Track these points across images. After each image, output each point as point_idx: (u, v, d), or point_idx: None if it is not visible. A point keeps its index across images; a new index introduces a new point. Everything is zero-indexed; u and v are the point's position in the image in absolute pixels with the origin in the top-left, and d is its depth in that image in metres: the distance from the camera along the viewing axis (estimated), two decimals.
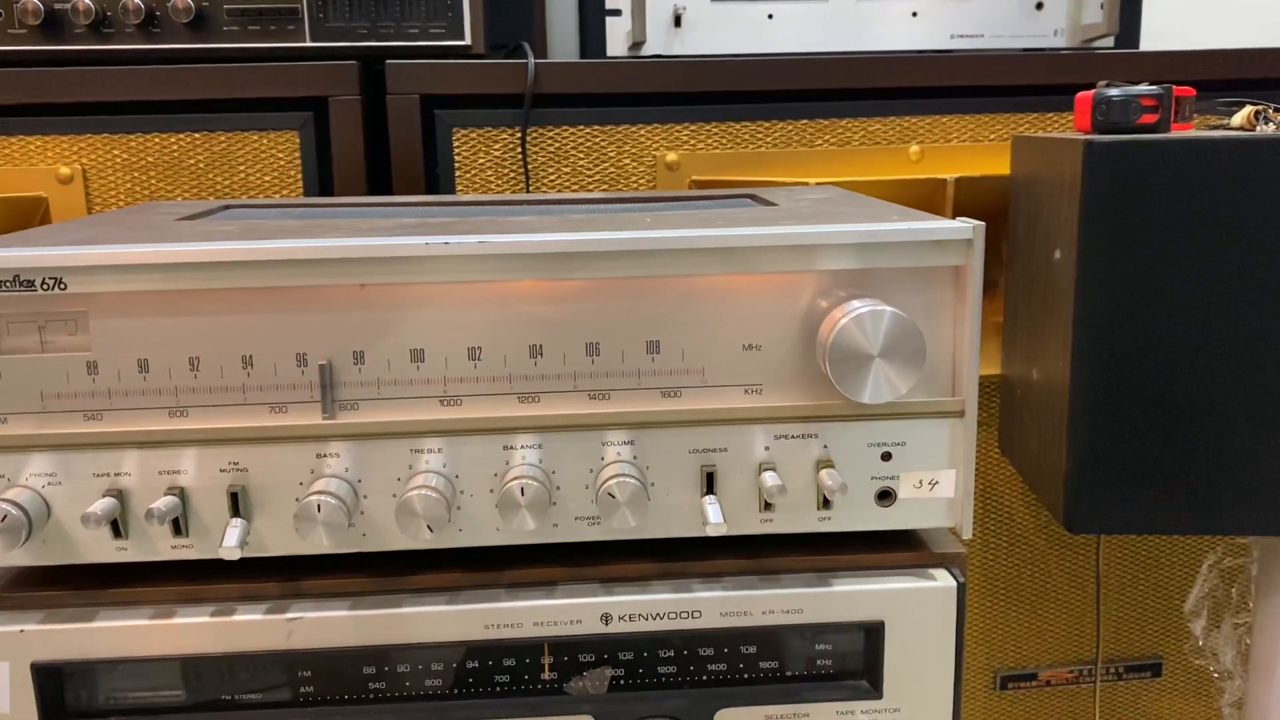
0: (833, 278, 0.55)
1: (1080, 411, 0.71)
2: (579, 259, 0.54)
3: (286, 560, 0.56)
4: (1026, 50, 1.07)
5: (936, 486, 0.57)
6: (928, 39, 1.06)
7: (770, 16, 1.04)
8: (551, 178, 0.91)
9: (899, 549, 0.58)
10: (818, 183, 0.89)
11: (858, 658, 0.58)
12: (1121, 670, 1.00)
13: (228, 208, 0.76)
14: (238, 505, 0.55)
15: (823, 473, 0.55)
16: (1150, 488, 0.71)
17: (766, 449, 0.56)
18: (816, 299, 0.55)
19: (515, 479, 0.54)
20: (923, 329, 0.53)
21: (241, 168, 0.89)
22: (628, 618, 0.56)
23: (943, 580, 0.57)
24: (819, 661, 0.58)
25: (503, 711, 0.57)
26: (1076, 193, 0.69)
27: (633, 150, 0.91)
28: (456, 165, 0.91)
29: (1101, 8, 1.05)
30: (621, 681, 0.58)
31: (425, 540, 0.54)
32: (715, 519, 0.54)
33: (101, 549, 0.55)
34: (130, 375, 0.54)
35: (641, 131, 0.91)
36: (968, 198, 0.88)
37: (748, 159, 0.92)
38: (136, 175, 0.88)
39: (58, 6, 0.88)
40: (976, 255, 0.54)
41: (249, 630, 0.55)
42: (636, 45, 1.03)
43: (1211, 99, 0.80)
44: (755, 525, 0.57)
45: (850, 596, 0.56)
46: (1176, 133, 0.72)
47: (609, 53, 1.04)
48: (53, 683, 0.55)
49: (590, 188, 0.92)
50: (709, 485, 0.56)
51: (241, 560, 0.54)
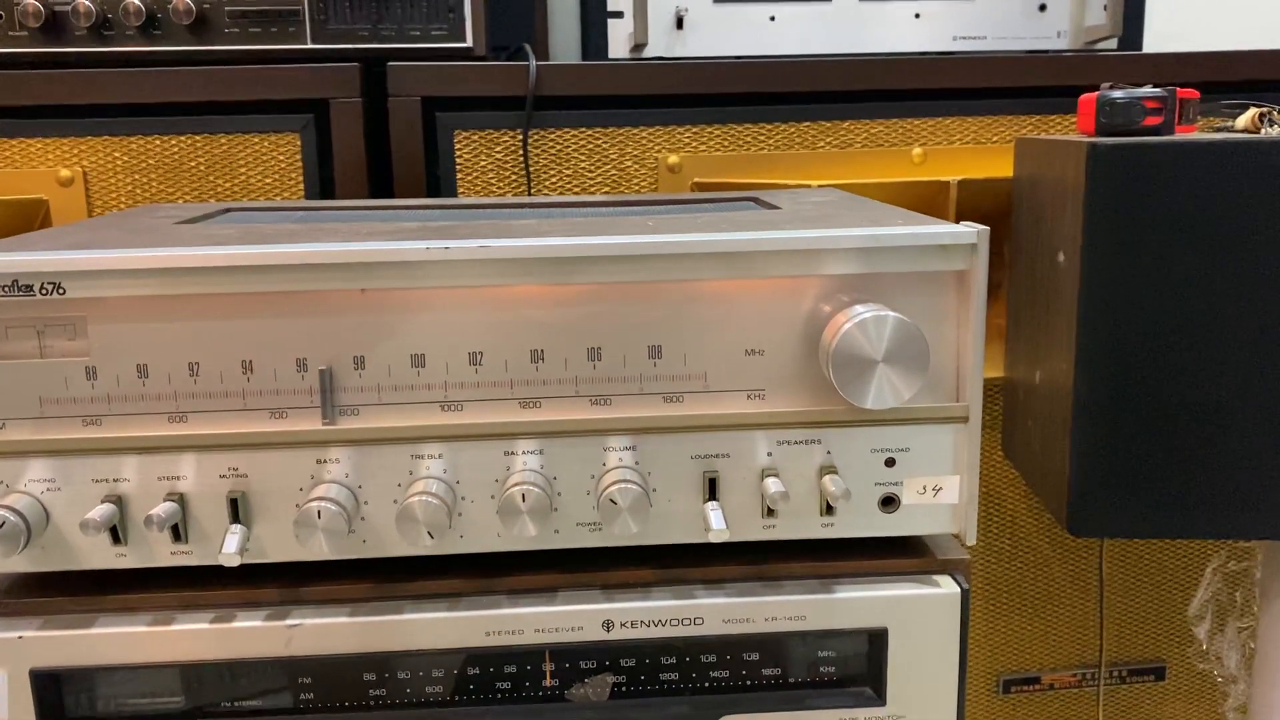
0: (836, 282, 0.55)
1: (1083, 415, 0.70)
2: (581, 263, 0.53)
3: (286, 566, 0.56)
4: (1029, 52, 1.06)
5: (940, 492, 0.56)
6: (930, 41, 1.05)
7: (772, 18, 1.04)
8: (553, 180, 0.91)
9: (902, 555, 0.58)
10: (820, 185, 0.88)
11: (861, 664, 0.58)
12: (1125, 674, 1.00)
13: (228, 211, 0.76)
14: (237, 511, 0.54)
15: (826, 479, 0.55)
16: (1153, 491, 0.71)
17: (769, 455, 0.56)
18: (819, 303, 0.55)
19: (516, 485, 0.54)
20: (926, 334, 0.53)
21: (242, 170, 0.88)
22: (629, 624, 0.56)
23: (946, 586, 0.57)
24: (822, 668, 0.58)
25: (504, 718, 0.57)
26: (1080, 195, 0.69)
27: (634, 152, 0.91)
28: (458, 167, 0.90)
29: (1105, 9, 1.05)
30: (623, 689, 0.57)
31: (426, 546, 0.54)
32: (718, 525, 0.54)
33: (100, 555, 0.55)
34: (129, 380, 0.54)
35: (643, 133, 0.91)
36: (970, 200, 0.88)
37: (750, 161, 0.92)
38: (137, 178, 0.88)
39: (58, 8, 0.88)
40: (981, 260, 0.53)
41: (248, 637, 0.55)
42: (638, 47, 1.03)
43: (1216, 101, 0.79)
44: (758, 532, 0.56)
45: (854, 603, 0.56)
46: (1181, 135, 0.72)
47: (611, 55, 1.03)
48: (51, 689, 0.55)
49: (592, 190, 0.92)
50: (711, 491, 0.56)
51: (241, 566, 0.54)
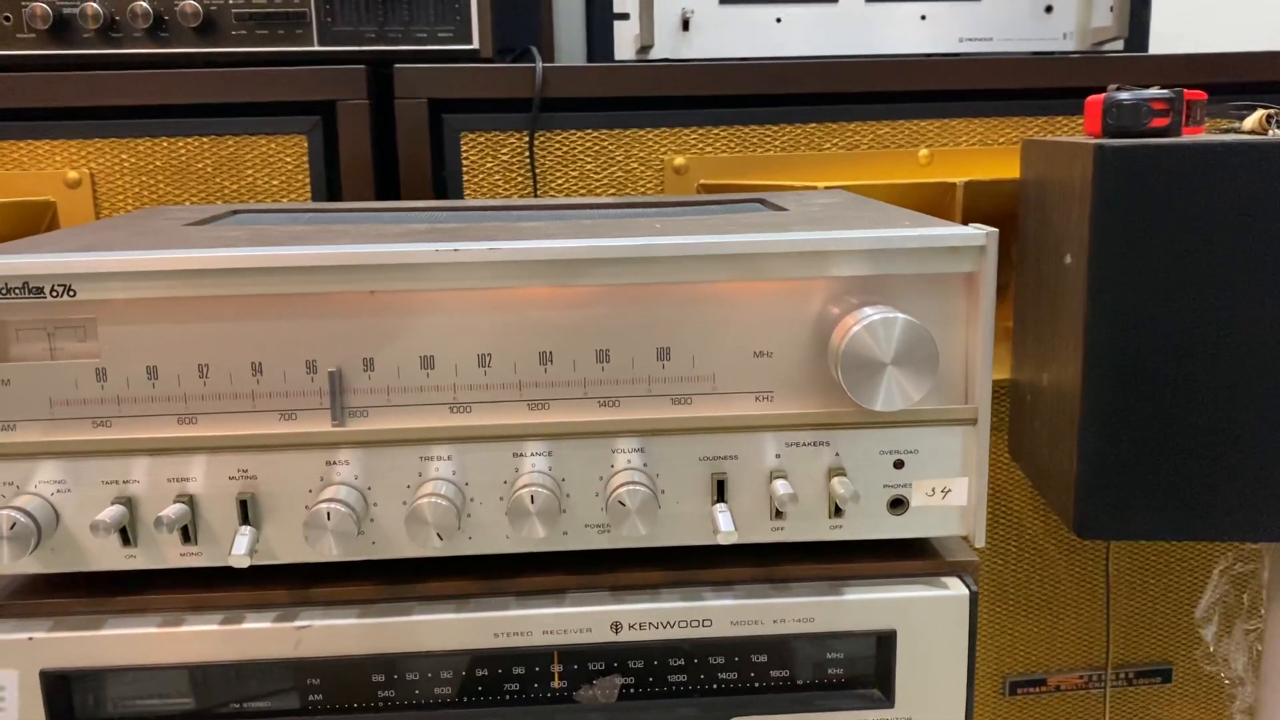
0: (844, 284, 0.55)
1: (1091, 416, 0.70)
2: (589, 265, 0.53)
3: (295, 568, 0.56)
4: (1036, 53, 1.06)
5: (949, 494, 0.56)
6: (936, 42, 1.05)
7: (778, 20, 1.04)
8: (559, 181, 0.91)
9: (911, 557, 0.58)
10: (826, 186, 0.88)
11: (870, 666, 0.58)
12: (1131, 676, 0.99)
13: (236, 213, 0.76)
14: (247, 513, 0.55)
15: (834, 481, 0.55)
16: (1161, 493, 0.71)
17: (778, 456, 0.56)
18: (828, 305, 0.55)
19: (525, 486, 0.54)
20: (935, 336, 0.53)
21: (249, 172, 0.89)
22: (638, 626, 0.56)
23: (955, 588, 0.57)
24: (830, 670, 0.58)
25: None
26: (1087, 197, 0.69)
27: (640, 154, 0.91)
28: (464, 169, 0.90)
29: (1111, 10, 1.04)
30: (631, 690, 0.57)
31: (435, 548, 0.54)
32: (726, 527, 0.54)
33: (110, 556, 0.55)
34: (139, 382, 0.54)
35: (649, 135, 0.91)
36: (977, 202, 0.88)
37: (756, 162, 0.92)
38: (144, 179, 0.88)
39: (66, 11, 0.88)
40: (990, 262, 0.53)
41: (258, 638, 0.55)
42: (644, 49, 1.03)
43: (1223, 102, 0.79)
44: (766, 534, 0.56)
45: (862, 605, 0.56)
46: (1188, 137, 0.72)
47: (617, 56, 1.03)
48: (61, 690, 0.55)
49: (598, 192, 0.92)
50: (720, 493, 0.56)
51: (250, 568, 0.54)
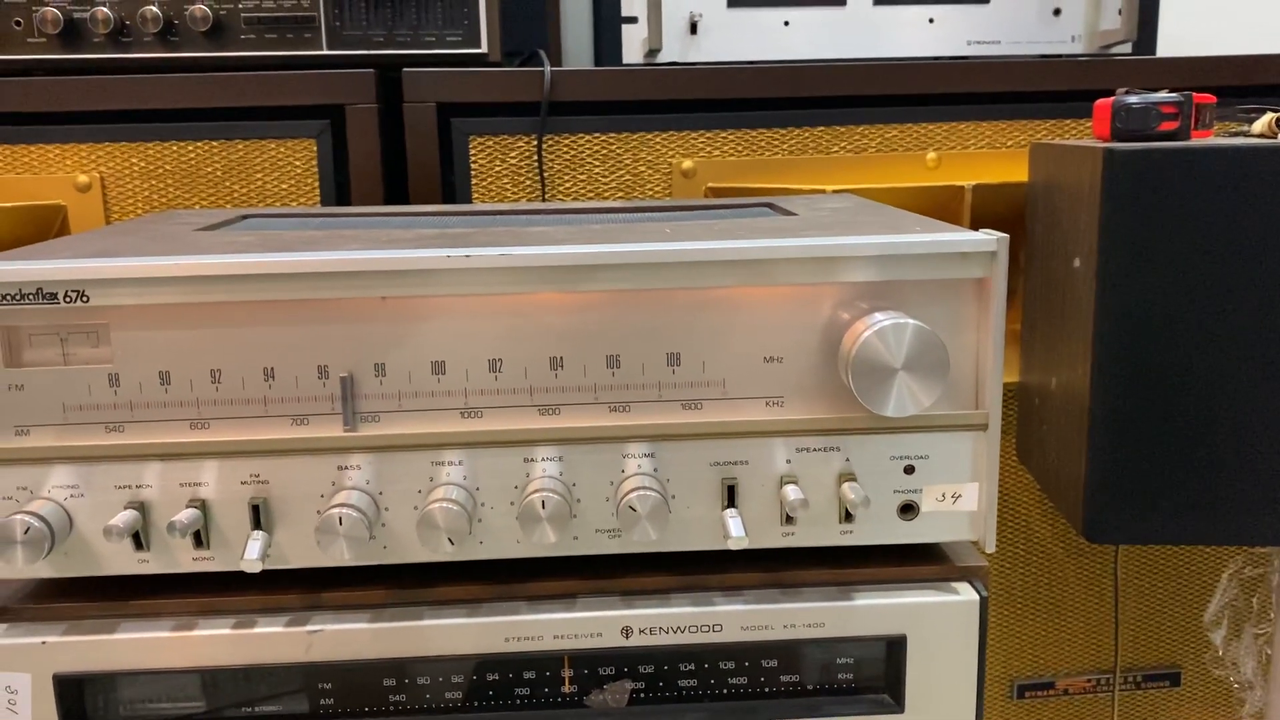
0: (854, 289, 0.55)
1: (1100, 420, 0.70)
2: (599, 271, 0.53)
3: (306, 572, 0.56)
4: (1044, 57, 1.06)
5: (959, 500, 0.56)
6: (944, 45, 1.05)
7: (786, 23, 1.04)
8: (567, 185, 0.91)
9: (921, 562, 0.58)
10: (835, 190, 0.88)
11: (880, 671, 0.58)
12: (1140, 680, 0.99)
13: (246, 217, 0.76)
14: (259, 517, 0.55)
15: (845, 486, 0.55)
16: (1170, 497, 0.71)
17: (788, 462, 0.56)
18: (838, 311, 0.55)
19: (536, 491, 0.54)
20: (945, 341, 0.53)
21: (259, 176, 0.89)
22: (648, 631, 0.56)
23: (965, 594, 0.57)
24: (840, 675, 0.58)
25: None
26: (1096, 201, 0.69)
27: (648, 157, 0.91)
28: (473, 173, 0.90)
29: (1119, 13, 1.04)
30: (642, 695, 0.57)
31: (446, 553, 0.54)
32: (737, 532, 0.54)
33: (123, 561, 0.55)
34: (151, 387, 0.54)
35: (657, 139, 0.91)
36: (985, 205, 0.88)
37: (764, 166, 0.92)
38: (154, 183, 0.88)
39: (77, 15, 0.89)
40: (1000, 268, 0.53)
41: (269, 642, 0.55)
42: (652, 53, 1.03)
43: (1231, 105, 0.79)
44: (777, 539, 0.56)
45: (872, 610, 0.56)
46: (1197, 140, 0.71)
47: (625, 60, 1.03)
48: (74, 694, 0.55)
49: (606, 195, 0.92)
50: (730, 498, 0.56)
51: (262, 572, 0.54)
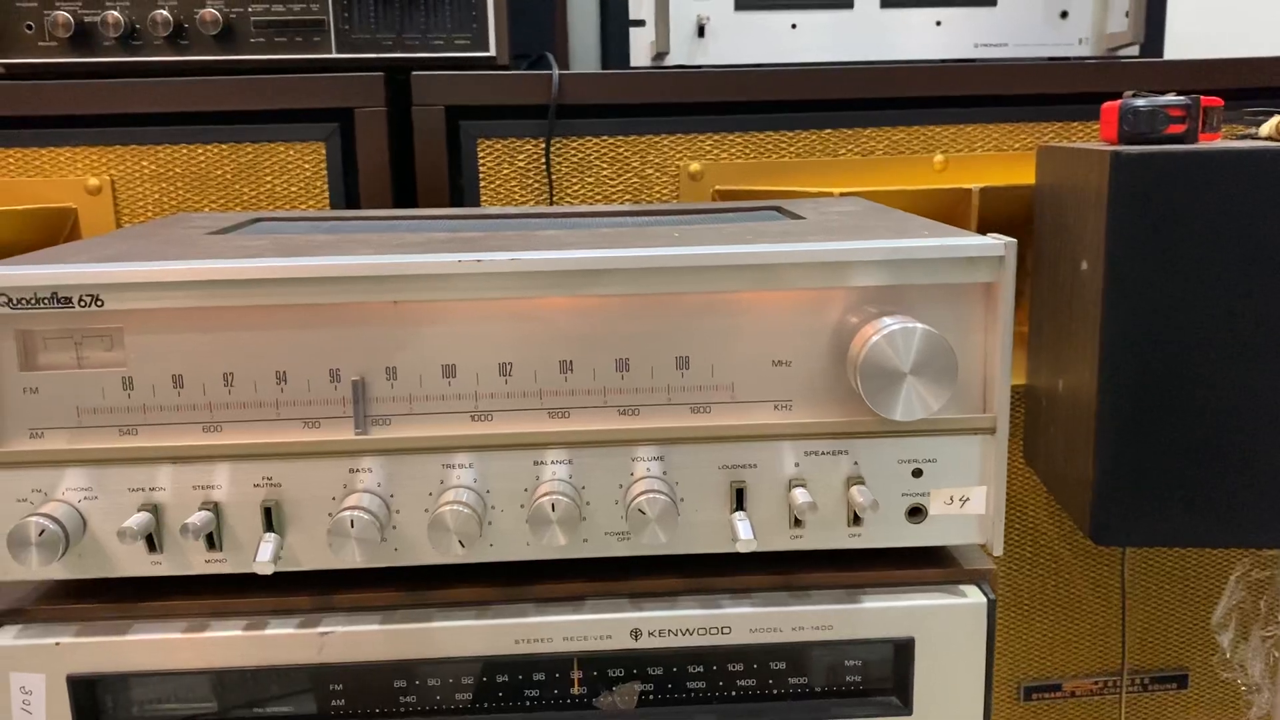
0: (863, 294, 0.55)
1: (1107, 423, 0.70)
2: (609, 275, 0.54)
3: (318, 574, 0.57)
4: (1051, 59, 1.06)
5: (968, 503, 0.56)
6: (951, 48, 1.05)
7: (794, 26, 1.04)
8: (575, 188, 0.92)
9: (929, 565, 0.58)
10: (842, 193, 0.89)
11: (888, 674, 0.58)
12: (1147, 682, 0.99)
13: (257, 220, 0.77)
14: (271, 520, 0.55)
15: (853, 489, 0.55)
16: (1177, 499, 0.71)
17: (796, 465, 0.56)
18: (846, 315, 0.55)
19: (546, 494, 0.54)
20: (953, 345, 0.53)
21: (268, 179, 0.89)
22: (657, 633, 0.56)
23: (973, 596, 0.57)
24: (849, 678, 0.58)
25: None
26: (1103, 204, 0.69)
27: (656, 160, 0.92)
28: (481, 176, 0.91)
29: (1126, 16, 1.04)
30: (651, 697, 0.58)
31: (457, 555, 0.54)
32: (745, 535, 0.54)
33: (136, 563, 0.56)
34: (165, 391, 0.54)
35: (665, 141, 0.91)
36: (992, 208, 0.88)
37: (771, 168, 0.92)
38: (164, 186, 0.89)
39: (88, 19, 0.89)
40: (1008, 272, 0.54)
41: (281, 644, 0.55)
42: (660, 55, 1.03)
43: (1239, 108, 0.79)
44: (785, 542, 0.57)
45: (880, 613, 0.56)
46: (1204, 143, 0.72)
47: (632, 63, 1.04)
48: (87, 695, 0.56)
49: (614, 198, 0.92)
50: (739, 501, 0.56)
51: (273, 574, 0.54)
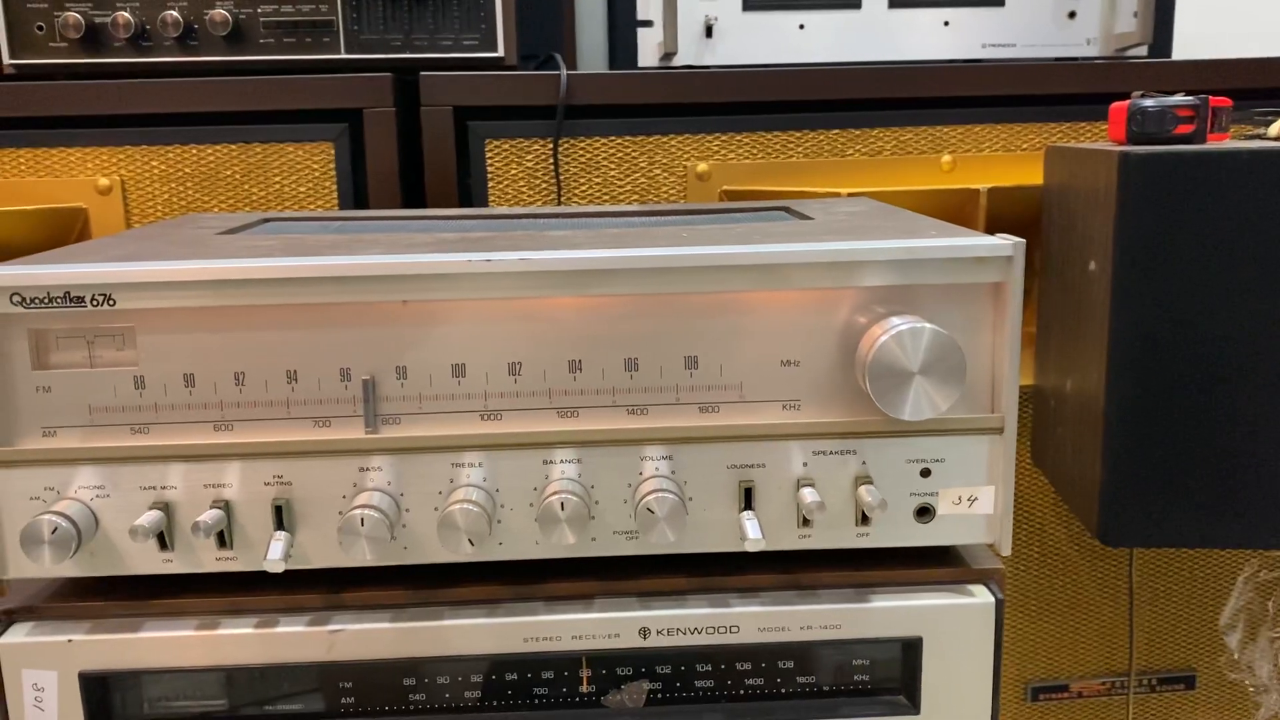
0: (871, 294, 0.55)
1: (1115, 423, 0.70)
2: (618, 275, 0.54)
3: (328, 572, 0.57)
4: (1059, 59, 1.06)
5: (976, 503, 0.56)
6: (959, 48, 1.05)
7: (801, 26, 1.04)
8: (583, 188, 0.92)
9: (937, 565, 0.58)
10: (849, 193, 0.89)
11: (895, 673, 0.58)
12: (1154, 683, 0.99)
13: (266, 221, 0.77)
14: (281, 518, 0.55)
15: (862, 489, 0.55)
16: (1186, 501, 0.71)
17: (805, 465, 0.56)
18: (855, 315, 0.55)
19: (555, 493, 0.54)
20: (962, 345, 0.53)
21: (277, 179, 0.90)
22: (666, 632, 0.56)
23: (981, 596, 0.57)
24: (856, 677, 0.58)
25: None
26: (1112, 204, 0.69)
27: (664, 161, 0.92)
28: (489, 175, 0.91)
29: (1135, 16, 1.04)
30: (659, 695, 0.58)
31: (466, 554, 0.55)
32: (754, 535, 0.54)
33: (148, 561, 0.56)
34: (176, 390, 0.55)
35: (672, 142, 0.91)
36: (1000, 208, 0.88)
37: (779, 169, 0.92)
38: (174, 186, 0.89)
39: (98, 20, 0.90)
40: (1017, 273, 0.54)
41: (291, 642, 0.56)
42: (668, 56, 1.03)
43: (1247, 108, 0.79)
44: (794, 541, 0.57)
45: (888, 612, 0.57)
46: (1213, 144, 0.72)
47: (640, 64, 1.04)
48: (99, 691, 0.56)
49: (621, 198, 0.92)
50: (747, 501, 0.56)
51: (284, 572, 0.55)
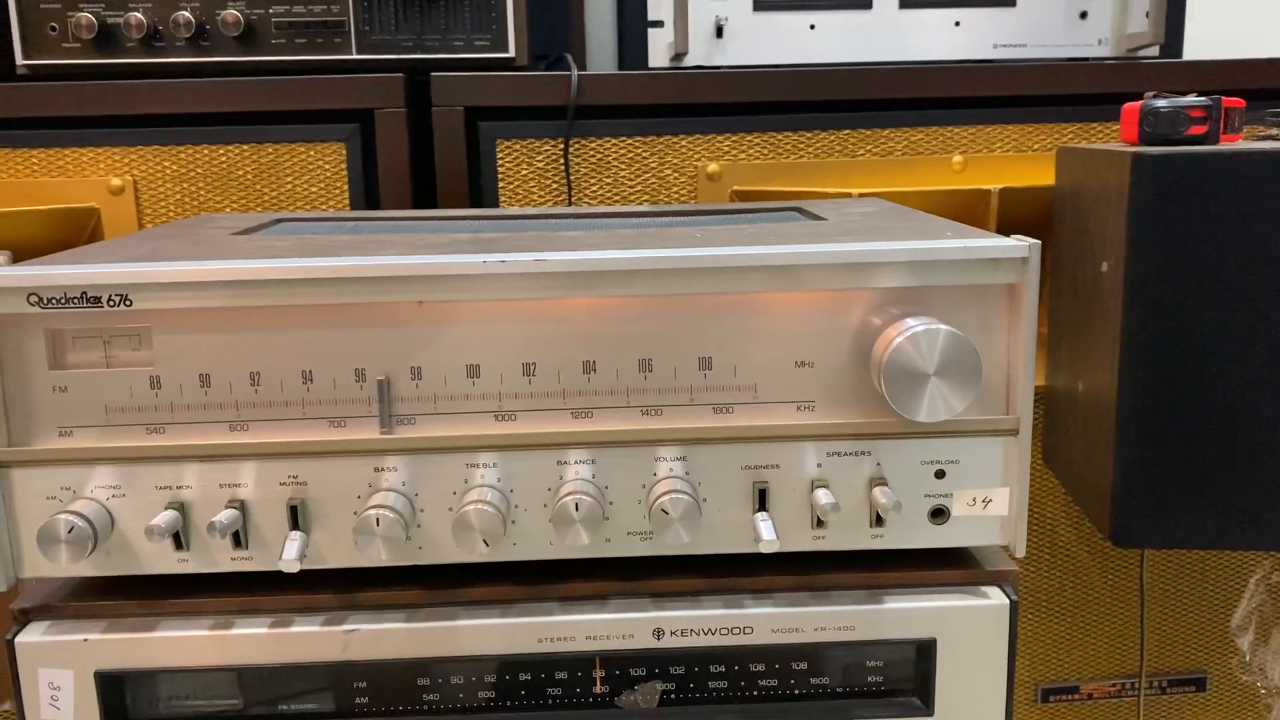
0: (886, 295, 0.55)
1: (1127, 424, 0.70)
2: (632, 276, 0.54)
3: (342, 572, 0.57)
4: (1070, 60, 1.06)
5: (990, 504, 0.56)
6: (970, 49, 1.05)
7: (812, 27, 1.04)
8: (594, 189, 0.92)
9: (951, 566, 0.58)
10: (860, 194, 0.89)
11: (909, 675, 0.58)
12: (1165, 685, 0.99)
13: (279, 221, 0.77)
14: (297, 518, 0.56)
15: (876, 490, 0.55)
16: (1197, 502, 0.71)
17: (819, 466, 0.56)
18: (869, 316, 0.55)
19: (569, 494, 0.54)
20: (977, 347, 0.53)
21: (289, 179, 0.90)
22: (679, 633, 0.56)
23: (995, 598, 0.57)
24: (870, 678, 0.58)
25: None
26: (1124, 205, 0.69)
27: (674, 161, 0.92)
28: (500, 176, 0.91)
29: (1146, 16, 1.04)
30: (672, 696, 0.58)
31: (481, 554, 0.55)
32: (768, 536, 0.54)
33: (163, 560, 0.56)
34: (192, 390, 0.55)
35: (683, 142, 0.92)
36: (1011, 209, 0.88)
37: (789, 169, 0.92)
38: (186, 186, 0.90)
39: (111, 20, 0.90)
40: (1032, 274, 0.54)
41: (306, 641, 0.56)
42: (678, 56, 1.03)
43: (1260, 108, 0.79)
44: (808, 542, 0.57)
45: (902, 614, 0.56)
46: (1226, 144, 0.71)
47: (651, 64, 1.04)
48: (115, 690, 0.56)
49: (632, 199, 0.92)
50: (761, 502, 0.56)
51: (299, 572, 0.55)
